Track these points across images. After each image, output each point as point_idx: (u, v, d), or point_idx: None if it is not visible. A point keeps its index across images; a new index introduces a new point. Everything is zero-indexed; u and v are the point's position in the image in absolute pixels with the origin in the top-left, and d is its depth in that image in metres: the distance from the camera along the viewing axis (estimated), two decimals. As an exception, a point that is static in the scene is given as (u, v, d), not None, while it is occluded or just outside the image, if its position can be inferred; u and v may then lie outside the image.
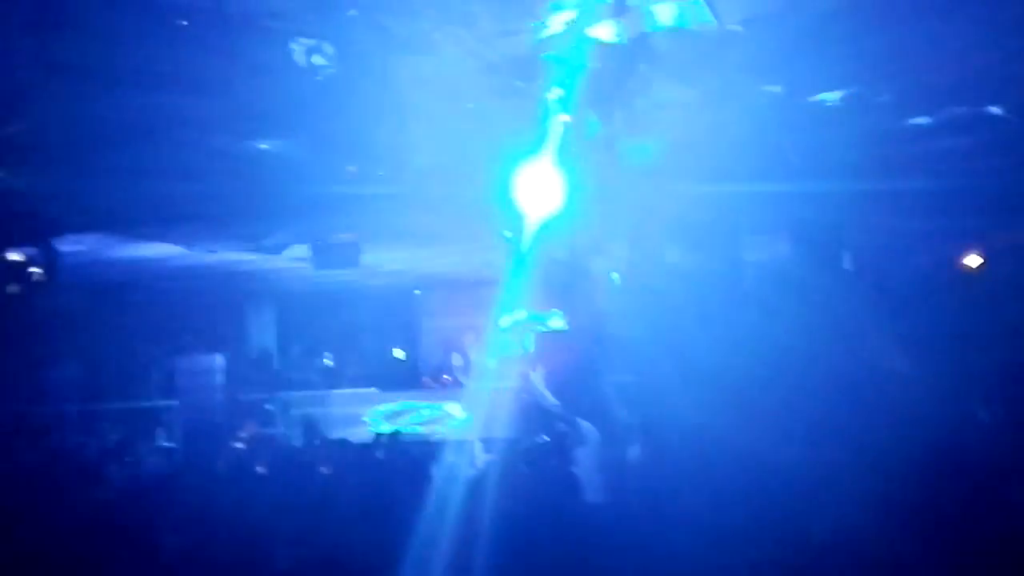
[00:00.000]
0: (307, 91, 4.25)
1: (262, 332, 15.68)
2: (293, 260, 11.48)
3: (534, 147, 6.88)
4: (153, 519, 7.21)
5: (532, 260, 8.26)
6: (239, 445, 10.97)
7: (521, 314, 14.89)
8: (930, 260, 10.64)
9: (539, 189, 7.12)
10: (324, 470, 8.60)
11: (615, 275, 9.54)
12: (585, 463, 7.93)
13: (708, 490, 5.72)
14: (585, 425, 8.46)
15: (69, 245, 9.78)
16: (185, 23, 3.50)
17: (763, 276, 8.06)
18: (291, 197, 8.44)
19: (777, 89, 6.60)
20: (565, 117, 6.66)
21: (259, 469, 8.98)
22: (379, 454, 9.17)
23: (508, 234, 7.95)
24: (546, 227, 7.58)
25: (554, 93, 6.47)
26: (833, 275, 8.06)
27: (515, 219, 7.72)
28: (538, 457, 7.67)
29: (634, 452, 7.64)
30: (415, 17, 4.70)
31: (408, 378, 13.70)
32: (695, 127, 6.63)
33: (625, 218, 7.74)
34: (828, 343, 6.70)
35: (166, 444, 12.63)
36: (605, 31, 6.23)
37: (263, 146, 7.11)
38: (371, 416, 12.07)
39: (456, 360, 12.97)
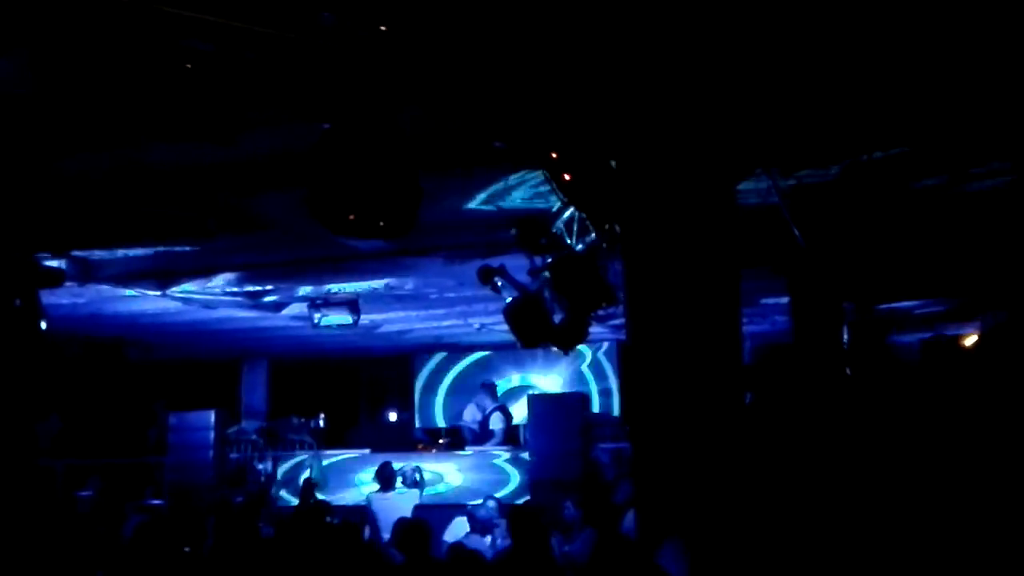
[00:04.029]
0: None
1: (256, 390, 15.63)
2: (291, 318, 11.51)
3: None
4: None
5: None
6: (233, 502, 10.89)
7: (516, 377, 14.94)
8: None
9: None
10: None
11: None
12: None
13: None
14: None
15: (68, 297, 9.81)
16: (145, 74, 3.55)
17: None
18: (294, 253, 8.54)
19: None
20: None
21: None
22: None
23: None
24: None
25: None
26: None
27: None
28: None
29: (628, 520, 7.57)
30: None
31: (402, 440, 13.59)
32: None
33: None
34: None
35: (154, 501, 12.52)
36: None
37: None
38: (363, 477, 11.97)
39: (468, 421, 12.95)
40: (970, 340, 12.44)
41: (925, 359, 12.53)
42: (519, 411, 13.12)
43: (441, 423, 14.87)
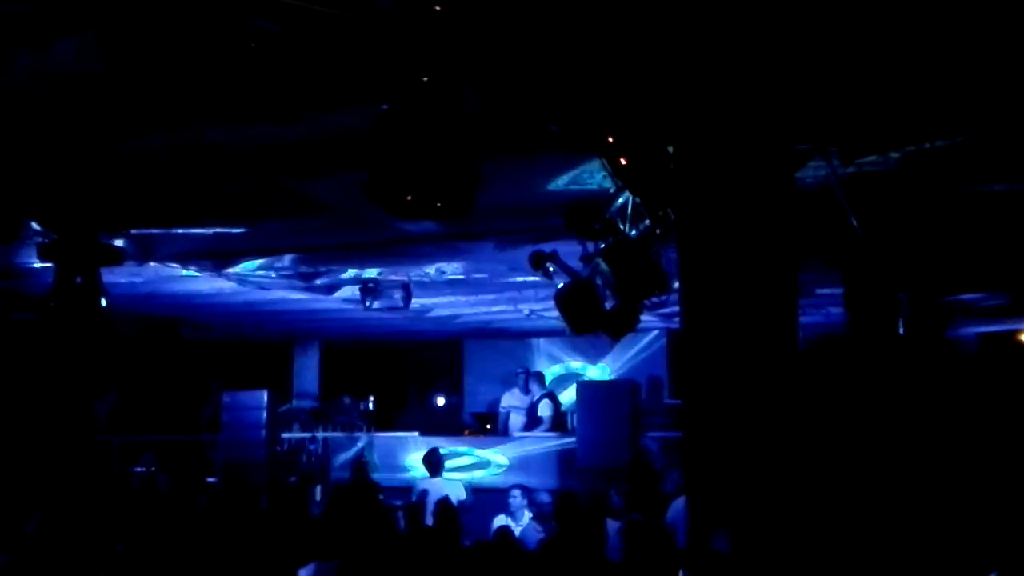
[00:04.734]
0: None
1: (308, 371, 15.80)
2: (343, 301, 11.61)
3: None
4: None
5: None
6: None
7: (565, 364, 14.94)
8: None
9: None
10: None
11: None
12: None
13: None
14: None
15: (126, 276, 9.99)
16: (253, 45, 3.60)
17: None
18: (348, 236, 8.61)
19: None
20: None
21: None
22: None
23: None
24: None
25: None
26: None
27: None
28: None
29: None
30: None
31: (450, 424, 13.67)
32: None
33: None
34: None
35: (208, 479, 12.72)
36: None
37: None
38: (411, 460, 12.06)
39: (506, 407, 13.00)
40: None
41: (982, 353, 12.33)
42: (566, 398, 13.16)
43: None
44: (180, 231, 8.53)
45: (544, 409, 12.77)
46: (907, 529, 5.81)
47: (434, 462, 10.45)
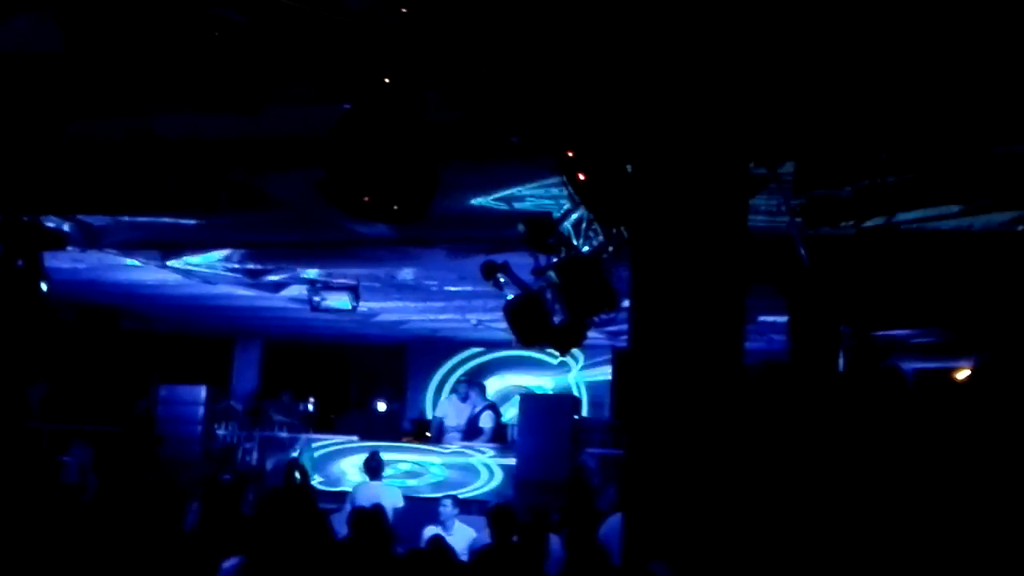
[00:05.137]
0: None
1: (248, 369, 15.63)
2: (289, 300, 11.51)
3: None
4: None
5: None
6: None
7: (508, 377, 14.95)
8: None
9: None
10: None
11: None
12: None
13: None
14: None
15: (68, 262, 9.79)
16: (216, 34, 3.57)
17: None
18: (299, 235, 8.54)
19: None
20: None
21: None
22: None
23: None
24: None
25: None
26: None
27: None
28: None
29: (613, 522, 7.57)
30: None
31: (389, 430, 13.60)
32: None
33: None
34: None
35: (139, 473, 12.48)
36: None
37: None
38: (348, 465, 11.97)
39: (440, 415, 12.94)
40: (962, 374, 12.48)
41: (918, 390, 12.56)
42: (509, 411, 13.17)
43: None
44: (127, 219, 8.39)
45: (485, 421, 12.76)
46: (844, 555, 5.88)
47: (374, 467, 10.39)
